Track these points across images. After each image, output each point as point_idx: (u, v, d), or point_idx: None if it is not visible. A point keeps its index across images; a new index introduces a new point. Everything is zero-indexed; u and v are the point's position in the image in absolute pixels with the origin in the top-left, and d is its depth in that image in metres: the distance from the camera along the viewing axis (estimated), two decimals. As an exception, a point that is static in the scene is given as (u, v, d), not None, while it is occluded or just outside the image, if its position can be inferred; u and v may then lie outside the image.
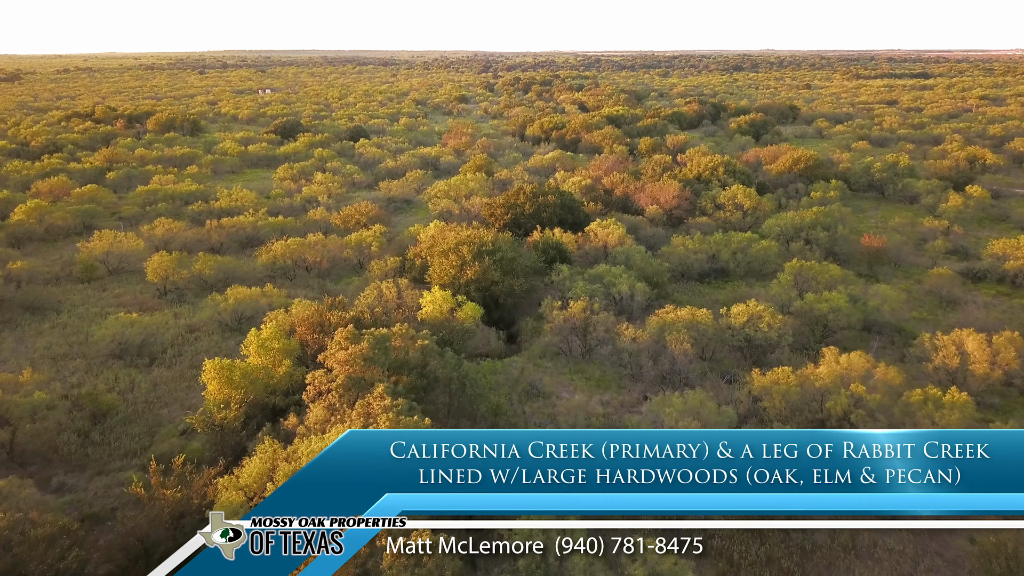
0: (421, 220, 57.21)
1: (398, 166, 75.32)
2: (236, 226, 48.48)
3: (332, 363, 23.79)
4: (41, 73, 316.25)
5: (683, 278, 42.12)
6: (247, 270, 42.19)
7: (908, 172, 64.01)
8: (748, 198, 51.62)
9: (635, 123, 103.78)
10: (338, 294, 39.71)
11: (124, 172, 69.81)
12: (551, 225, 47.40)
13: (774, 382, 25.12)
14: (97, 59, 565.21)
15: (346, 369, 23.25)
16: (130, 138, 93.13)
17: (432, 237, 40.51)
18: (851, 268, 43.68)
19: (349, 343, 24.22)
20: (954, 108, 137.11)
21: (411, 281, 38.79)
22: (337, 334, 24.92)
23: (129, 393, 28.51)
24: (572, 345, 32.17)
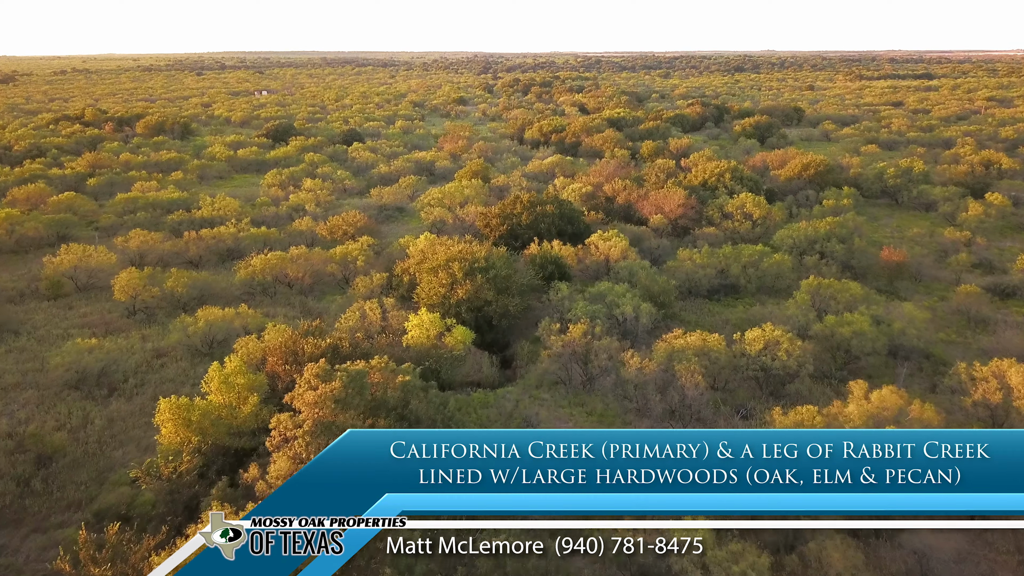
0: (413, 230, 54.54)
1: (391, 171, 72.62)
2: (216, 238, 45.77)
3: (300, 405, 21.08)
4: (38, 75, 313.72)
5: (690, 295, 39.37)
6: (224, 286, 39.49)
7: (923, 178, 61.27)
8: (757, 207, 48.90)
9: (637, 126, 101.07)
10: (320, 313, 37.10)
11: (106, 178, 67.09)
12: (549, 237, 44.75)
13: (798, 423, 22.39)
14: (96, 60, 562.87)
15: (315, 412, 20.54)
16: (117, 142, 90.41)
17: (422, 251, 37.79)
18: (869, 283, 40.95)
19: (319, 381, 21.50)
20: (962, 110, 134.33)
21: (398, 300, 36.10)
22: (307, 370, 22.19)
23: (81, 431, 25.76)
24: (572, 373, 29.44)
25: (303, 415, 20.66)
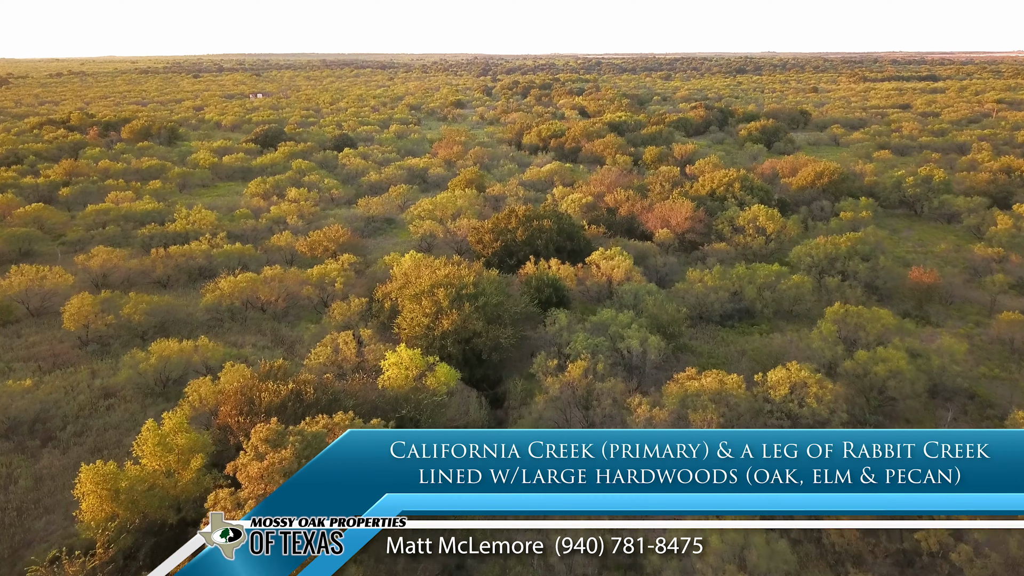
0: (401, 244, 51.06)
1: (382, 179, 69.10)
2: (186, 255, 42.24)
3: (243, 478, 17.58)
4: (33, 77, 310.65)
5: (701, 319, 35.85)
6: (190, 311, 35.98)
7: (943, 187, 57.71)
8: (771, 220, 45.37)
9: (639, 130, 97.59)
10: (293, 343, 33.66)
11: (80, 187, 63.58)
12: (547, 254, 41.29)
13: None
14: (95, 63, 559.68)
15: (259, 489, 17.04)
16: (99, 148, 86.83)
17: (406, 273, 34.28)
18: (895, 306, 37.50)
19: (268, 447, 18.01)
20: (972, 112, 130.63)
21: (378, 329, 32.63)
22: (254, 433, 18.69)
23: (2, 493, 22.28)
24: (571, 419, 25.92)
25: (245, 492, 17.15)
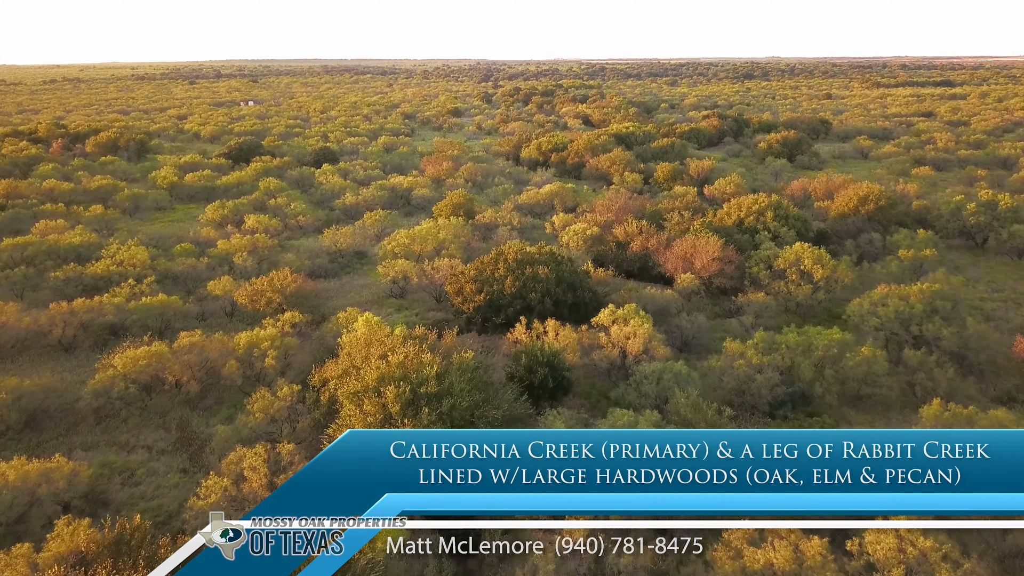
0: (370, 287, 42.69)
1: (358, 202, 60.73)
2: (93, 311, 33.89)
3: None
4: (27, 84, 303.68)
5: (741, 408, 27.33)
6: (71, 398, 27.56)
7: (1012, 215, 49.15)
8: (820, 264, 36.84)
9: (648, 143, 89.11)
10: (203, 443, 25.29)
11: (10, 214, 55.40)
12: (542, 310, 32.92)
13: None
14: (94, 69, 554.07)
15: None
16: (54, 164, 78.75)
17: (349, 354, 25.77)
18: (991, 386, 29.07)
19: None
20: (1003, 121, 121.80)
21: (313, 429, 24.24)
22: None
23: None
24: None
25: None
